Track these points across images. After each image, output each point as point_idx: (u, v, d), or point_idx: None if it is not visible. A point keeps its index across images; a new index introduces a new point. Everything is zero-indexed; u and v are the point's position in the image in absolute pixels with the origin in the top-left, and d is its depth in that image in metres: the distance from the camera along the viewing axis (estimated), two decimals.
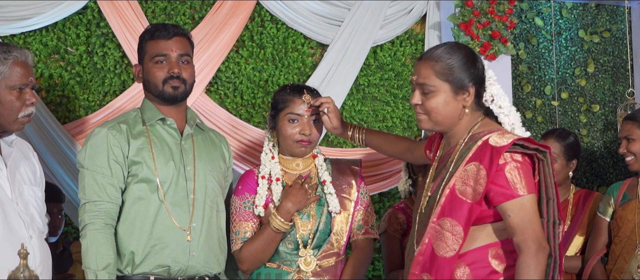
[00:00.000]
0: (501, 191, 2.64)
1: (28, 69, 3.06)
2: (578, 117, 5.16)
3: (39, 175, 3.22)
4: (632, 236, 3.85)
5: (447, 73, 2.73)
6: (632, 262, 3.84)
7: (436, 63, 2.75)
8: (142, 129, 3.28)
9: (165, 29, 3.29)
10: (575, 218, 4.13)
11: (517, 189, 2.63)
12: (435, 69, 2.74)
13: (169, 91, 3.27)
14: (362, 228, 3.40)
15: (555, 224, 2.70)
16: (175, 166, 3.25)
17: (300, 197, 3.29)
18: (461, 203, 2.67)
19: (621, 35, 5.25)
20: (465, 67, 2.74)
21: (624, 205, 3.93)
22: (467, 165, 2.68)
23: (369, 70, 4.76)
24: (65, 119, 4.30)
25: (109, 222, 3.17)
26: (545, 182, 2.71)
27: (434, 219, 2.70)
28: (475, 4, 4.56)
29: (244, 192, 3.40)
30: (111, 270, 3.12)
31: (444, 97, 2.74)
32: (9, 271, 2.50)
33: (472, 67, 2.75)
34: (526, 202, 2.64)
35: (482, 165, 2.65)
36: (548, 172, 2.71)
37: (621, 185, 4.01)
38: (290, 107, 3.34)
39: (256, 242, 3.30)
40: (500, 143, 2.65)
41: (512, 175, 2.64)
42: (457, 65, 2.74)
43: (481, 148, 2.68)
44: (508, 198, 2.63)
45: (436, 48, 2.80)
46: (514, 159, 2.66)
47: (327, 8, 4.63)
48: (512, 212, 2.63)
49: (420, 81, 2.76)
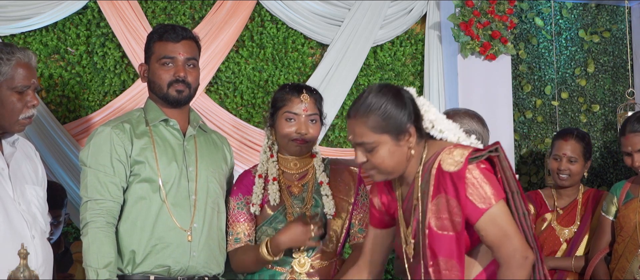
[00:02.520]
0: (471, 211, 2.56)
1: (31, 70, 3.06)
2: (578, 117, 5.16)
3: (41, 174, 3.22)
4: (634, 235, 3.85)
5: (382, 125, 2.62)
6: (634, 261, 3.84)
7: (368, 118, 2.63)
8: (145, 129, 3.29)
9: (174, 31, 3.29)
10: (584, 218, 4.14)
11: (484, 202, 2.55)
12: (369, 124, 2.63)
13: (173, 94, 3.27)
14: (363, 231, 3.39)
15: (525, 215, 2.62)
16: (178, 167, 3.26)
17: (299, 235, 3.19)
18: (444, 238, 2.59)
19: (621, 35, 5.25)
20: (397, 111, 2.63)
21: (626, 204, 3.93)
22: (435, 199, 2.60)
23: (369, 70, 4.76)
24: (65, 119, 4.30)
25: (110, 221, 3.18)
26: (506, 177, 2.64)
27: (430, 262, 2.62)
28: (475, 4, 4.56)
29: (238, 193, 3.39)
30: (112, 269, 3.12)
31: (387, 147, 2.64)
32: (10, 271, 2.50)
33: (404, 108, 2.64)
34: (495, 213, 2.55)
35: (449, 195, 2.57)
36: (506, 166, 2.65)
37: (624, 185, 4.01)
38: (288, 106, 3.34)
39: (247, 256, 3.29)
40: (455, 167, 2.58)
41: (474, 191, 2.56)
42: (389, 114, 2.62)
43: (439, 177, 2.60)
44: (478, 216, 2.56)
45: (362, 101, 2.65)
46: (472, 174, 2.58)
47: (327, 8, 4.63)
48: (485, 230, 2.56)
49: (358, 141, 2.65)
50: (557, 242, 4.17)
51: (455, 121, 3.68)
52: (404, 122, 2.63)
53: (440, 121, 2.73)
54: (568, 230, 4.17)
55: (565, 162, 4.12)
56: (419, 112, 2.69)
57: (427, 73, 4.76)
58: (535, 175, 5.04)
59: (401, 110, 2.64)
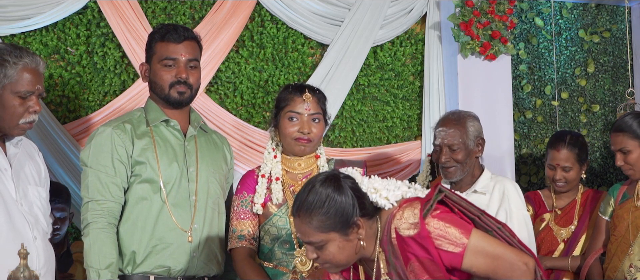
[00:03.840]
0: (451, 259, 2.51)
1: (37, 76, 3.04)
2: (578, 117, 5.16)
3: (43, 175, 3.22)
4: (626, 235, 3.86)
5: (328, 224, 2.51)
6: (626, 261, 3.85)
7: (311, 219, 2.51)
8: (146, 130, 3.29)
9: (176, 32, 3.28)
10: (582, 218, 4.15)
11: (457, 245, 2.50)
12: (314, 225, 2.51)
13: (174, 96, 3.28)
14: None
15: (500, 228, 2.57)
16: (179, 167, 3.26)
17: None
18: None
19: (621, 35, 5.25)
20: (341, 207, 2.51)
21: (622, 205, 3.94)
22: (408, 266, 2.53)
23: (369, 70, 4.76)
24: (65, 119, 4.30)
25: (111, 221, 3.18)
26: (463, 207, 2.60)
27: None
28: (475, 4, 4.56)
29: (243, 191, 3.40)
30: (114, 269, 3.12)
31: (336, 244, 2.53)
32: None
33: (347, 200, 2.51)
34: (474, 245, 2.50)
35: (421, 258, 2.51)
36: (456, 199, 2.60)
37: (621, 186, 4.02)
38: (291, 106, 3.34)
39: (251, 275, 3.29)
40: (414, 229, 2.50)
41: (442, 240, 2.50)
42: (333, 211, 2.51)
43: (403, 245, 2.52)
44: (460, 258, 2.50)
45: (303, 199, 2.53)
46: (433, 226, 2.51)
47: (327, 8, 4.63)
48: (474, 266, 2.51)
49: (306, 240, 2.55)
50: (554, 242, 4.18)
51: (463, 125, 3.70)
52: (350, 216, 2.52)
53: (384, 189, 2.60)
54: (565, 230, 4.17)
55: (560, 171, 4.13)
56: (363, 200, 2.57)
57: (427, 73, 4.76)
58: (535, 175, 5.04)
59: (345, 204, 2.52)
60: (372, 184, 2.59)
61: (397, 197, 2.60)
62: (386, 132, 4.77)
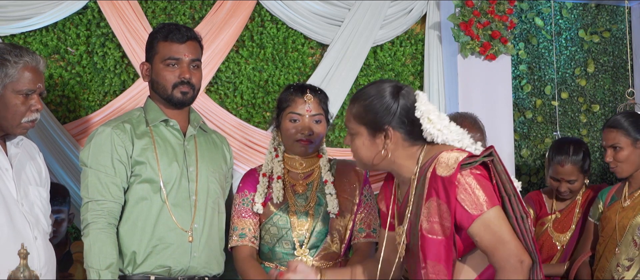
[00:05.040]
0: (463, 217, 2.55)
1: (38, 75, 3.05)
2: (578, 117, 5.16)
3: (44, 175, 3.22)
4: (613, 235, 3.88)
5: (363, 116, 2.67)
6: (613, 261, 3.86)
7: (354, 105, 2.70)
8: (146, 130, 3.29)
9: (179, 32, 3.28)
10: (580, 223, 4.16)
11: (476, 208, 2.53)
12: (353, 111, 2.70)
13: (177, 96, 3.27)
14: (363, 231, 3.40)
15: (523, 218, 2.59)
16: (179, 167, 3.26)
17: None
18: (433, 242, 2.58)
19: (621, 35, 5.25)
20: (380, 108, 2.65)
21: (610, 206, 3.97)
22: (427, 202, 2.58)
23: (369, 70, 4.76)
24: (65, 119, 4.30)
25: (111, 222, 3.18)
26: (501, 180, 2.61)
27: (423, 264, 2.61)
28: (475, 4, 4.56)
29: (244, 189, 3.41)
30: (114, 270, 3.12)
31: (363, 140, 2.69)
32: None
33: (390, 108, 2.64)
34: (489, 218, 2.53)
35: (440, 199, 2.56)
36: (500, 170, 2.62)
37: (610, 189, 4.05)
38: (292, 107, 3.35)
39: (254, 274, 3.29)
40: (447, 172, 2.55)
41: (466, 197, 2.54)
42: (371, 108, 2.66)
43: (433, 181, 2.58)
44: (470, 221, 2.54)
45: (362, 88, 2.73)
46: (464, 179, 2.56)
47: (327, 8, 4.63)
48: (479, 236, 2.54)
49: (346, 124, 2.73)
50: (553, 247, 4.20)
51: (479, 128, 3.71)
52: (382, 122, 2.65)
53: (444, 128, 2.67)
54: (563, 236, 4.19)
55: (565, 184, 4.15)
56: (413, 118, 2.65)
57: (427, 73, 4.76)
58: (535, 175, 5.04)
59: (386, 108, 2.65)
60: (430, 114, 2.66)
61: (452, 141, 2.67)
62: None
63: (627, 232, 3.83)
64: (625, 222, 3.84)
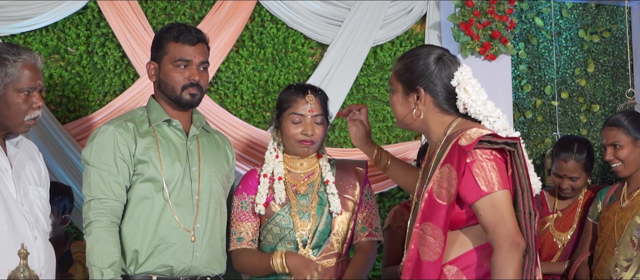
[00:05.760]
0: (470, 190, 2.60)
1: (37, 72, 3.06)
2: (578, 117, 5.16)
3: (44, 175, 3.22)
4: (612, 235, 3.89)
5: (401, 74, 2.78)
6: (611, 261, 3.87)
7: (398, 63, 2.81)
8: (148, 129, 3.29)
9: (190, 33, 3.28)
10: (581, 222, 4.16)
11: (487, 185, 2.58)
12: (395, 68, 2.82)
13: (186, 98, 3.28)
14: (366, 230, 3.40)
15: (531, 215, 2.63)
16: (181, 167, 3.26)
17: (303, 270, 3.16)
18: (438, 206, 2.63)
19: (621, 35, 5.25)
20: (418, 69, 2.75)
21: (608, 207, 3.97)
22: (441, 167, 2.65)
23: (369, 70, 4.76)
24: (65, 119, 4.30)
25: (114, 220, 3.18)
26: (518, 174, 2.65)
27: (417, 224, 2.66)
28: (475, 4, 4.56)
29: (243, 191, 3.40)
30: (117, 269, 3.12)
31: (397, 97, 2.81)
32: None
33: (427, 70, 2.74)
34: (498, 199, 2.58)
35: (453, 166, 2.61)
36: (519, 163, 2.65)
37: (609, 189, 4.06)
38: (294, 107, 3.34)
39: (254, 261, 3.30)
40: (466, 142, 2.61)
41: (480, 172, 2.59)
42: (410, 67, 2.76)
43: (452, 149, 2.64)
44: (477, 196, 2.58)
45: (413, 48, 2.85)
46: (483, 156, 2.61)
47: (327, 8, 4.63)
48: (483, 211, 2.59)
49: (390, 78, 2.85)
50: (554, 246, 4.20)
51: None
52: (416, 82, 2.74)
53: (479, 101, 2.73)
54: (564, 235, 4.19)
55: (568, 181, 4.15)
56: (450, 86, 2.73)
57: None
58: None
59: (423, 70, 2.74)
60: (466, 85, 2.73)
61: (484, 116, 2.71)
62: (386, 132, 4.77)
63: (625, 232, 3.84)
64: (623, 223, 3.85)
